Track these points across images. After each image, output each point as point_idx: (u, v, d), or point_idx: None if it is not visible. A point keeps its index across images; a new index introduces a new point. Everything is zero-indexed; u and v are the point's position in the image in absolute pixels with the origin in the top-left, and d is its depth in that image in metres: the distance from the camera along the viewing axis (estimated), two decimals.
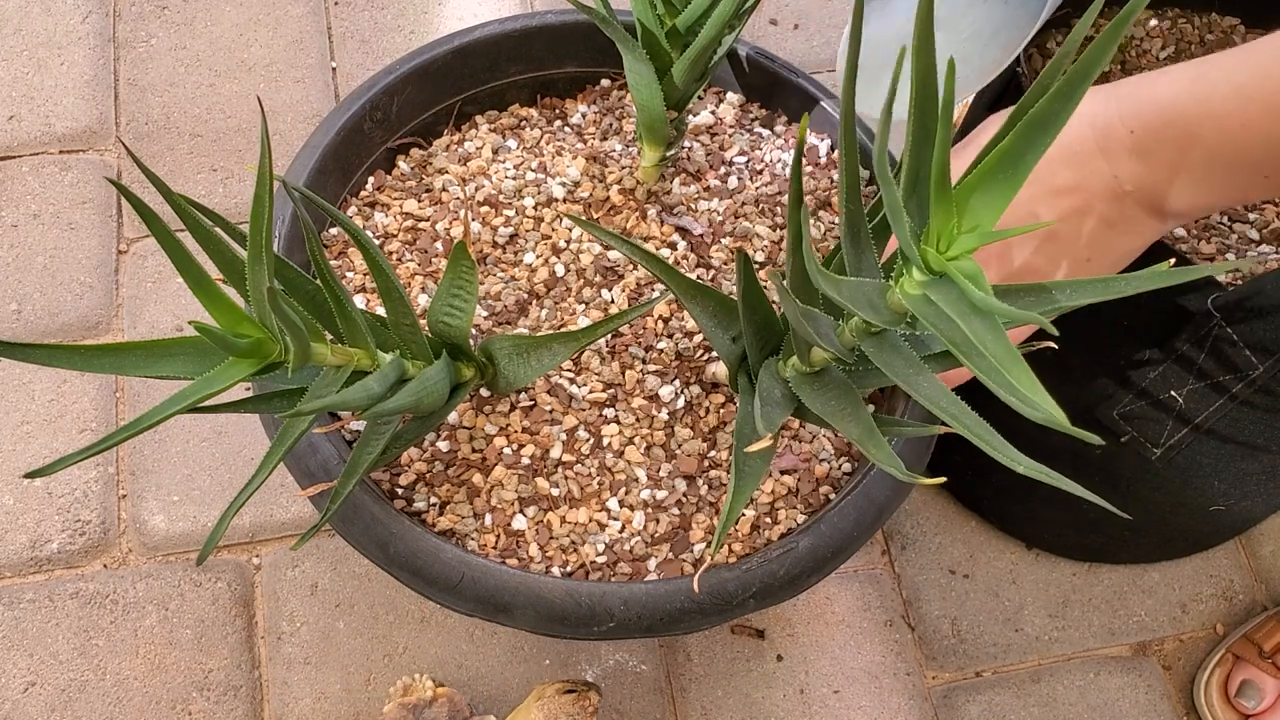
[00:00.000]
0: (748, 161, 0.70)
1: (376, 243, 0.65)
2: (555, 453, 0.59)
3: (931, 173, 0.28)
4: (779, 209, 0.67)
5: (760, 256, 0.66)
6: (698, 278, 0.64)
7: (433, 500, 0.58)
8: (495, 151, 0.69)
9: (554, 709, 0.71)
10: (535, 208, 0.66)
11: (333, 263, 0.65)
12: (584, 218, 0.63)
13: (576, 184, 0.67)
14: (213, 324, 0.41)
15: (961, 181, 0.30)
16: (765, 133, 0.72)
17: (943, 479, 0.44)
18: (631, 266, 0.64)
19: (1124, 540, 0.86)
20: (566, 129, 0.71)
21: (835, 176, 0.70)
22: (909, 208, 0.32)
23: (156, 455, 0.86)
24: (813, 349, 0.45)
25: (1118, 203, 0.49)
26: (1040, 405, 0.26)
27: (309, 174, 0.63)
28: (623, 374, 0.61)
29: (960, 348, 0.28)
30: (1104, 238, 0.51)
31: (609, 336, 0.62)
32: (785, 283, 0.40)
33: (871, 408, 0.48)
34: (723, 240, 0.66)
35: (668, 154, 0.65)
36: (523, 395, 0.60)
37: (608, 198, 0.66)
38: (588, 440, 0.60)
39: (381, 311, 0.50)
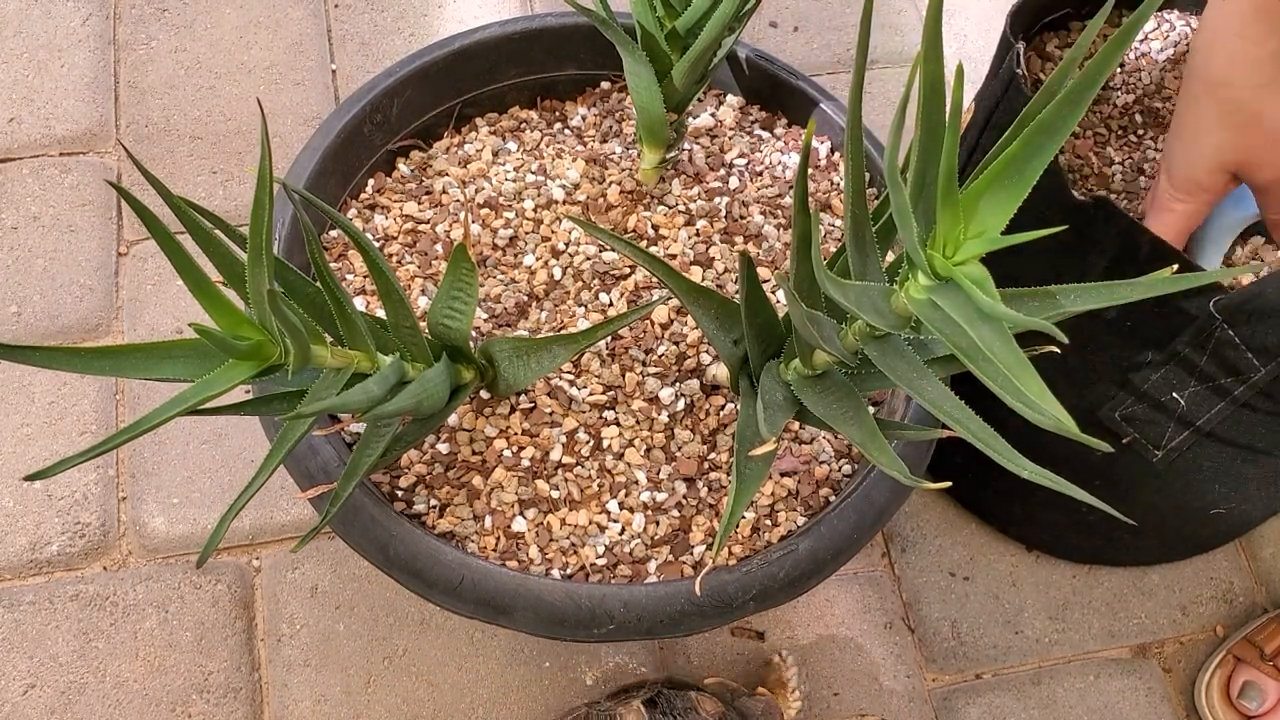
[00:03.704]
0: (748, 164, 0.69)
1: (376, 245, 0.65)
2: (555, 455, 0.59)
3: (939, 177, 0.28)
4: (779, 210, 0.67)
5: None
6: (700, 278, 0.64)
7: (433, 502, 0.58)
8: (495, 154, 0.69)
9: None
10: (535, 210, 0.66)
11: (333, 265, 0.65)
12: (583, 219, 0.63)
13: (576, 186, 0.67)
14: (213, 326, 0.41)
15: (968, 186, 0.30)
16: (765, 135, 0.72)
17: (948, 483, 0.44)
18: (630, 269, 0.64)
19: (1124, 543, 0.86)
20: (566, 131, 0.71)
21: (835, 179, 0.70)
22: (915, 212, 0.32)
23: (156, 457, 0.86)
24: (815, 352, 0.45)
25: None
26: (1050, 412, 0.26)
27: (309, 176, 0.62)
28: (623, 376, 0.61)
29: (966, 353, 0.28)
30: None
31: (609, 339, 0.62)
32: (790, 285, 0.40)
33: (872, 409, 0.48)
34: (732, 241, 0.66)
35: (668, 156, 0.65)
36: (523, 397, 0.60)
37: (607, 199, 0.66)
38: (588, 442, 0.60)
39: (381, 314, 0.50)
